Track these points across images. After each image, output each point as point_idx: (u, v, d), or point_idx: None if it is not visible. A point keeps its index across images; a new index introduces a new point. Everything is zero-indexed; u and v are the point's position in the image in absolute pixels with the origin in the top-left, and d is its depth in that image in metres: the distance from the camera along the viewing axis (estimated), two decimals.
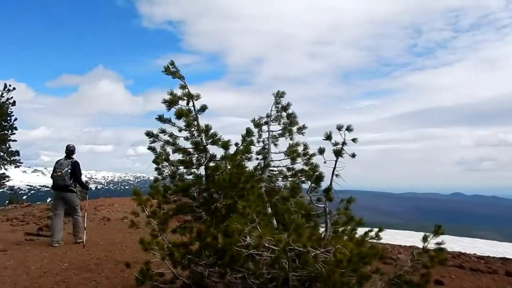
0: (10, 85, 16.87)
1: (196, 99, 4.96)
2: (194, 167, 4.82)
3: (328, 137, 4.37)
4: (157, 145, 5.24)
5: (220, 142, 4.65)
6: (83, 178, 8.59)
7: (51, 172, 8.11)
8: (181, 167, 5.14)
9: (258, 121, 6.28)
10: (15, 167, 16.77)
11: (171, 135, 5.10)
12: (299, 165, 5.96)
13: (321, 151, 4.43)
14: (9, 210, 14.61)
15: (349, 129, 4.28)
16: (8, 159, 16.62)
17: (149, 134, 5.03)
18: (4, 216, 12.44)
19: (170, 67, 4.90)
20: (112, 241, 8.67)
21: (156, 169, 5.39)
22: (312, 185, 4.30)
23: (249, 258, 3.80)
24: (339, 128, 4.28)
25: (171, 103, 4.80)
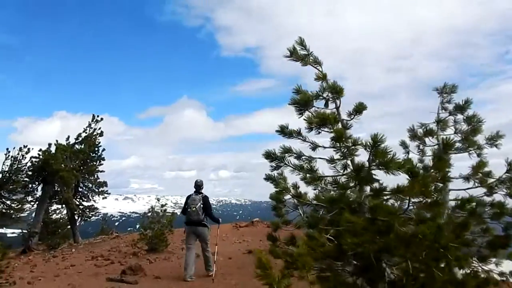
0: (98, 116, 16.06)
1: (341, 97, 3.06)
2: (352, 207, 2.83)
3: None
4: (276, 172, 3.42)
5: (395, 165, 2.63)
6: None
7: (183, 207, 8.20)
8: (318, 206, 3.23)
9: (417, 130, 4.16)
10: (102, 198, 16.18)
11: (299, 156, 3.24)
12: (498, 195, 3.74)
13: None
14: (96, 244, 13.91)
15: None
16: (96, 190, 16.10)
17: (270, 155, 3.13)
18: (90, 252, 11.61)
19: (298, 48, 3.10)
20: None
21: (275, 208, 3.56)
22: None
23: None
24: None
25: (304, 104, 2.93)
